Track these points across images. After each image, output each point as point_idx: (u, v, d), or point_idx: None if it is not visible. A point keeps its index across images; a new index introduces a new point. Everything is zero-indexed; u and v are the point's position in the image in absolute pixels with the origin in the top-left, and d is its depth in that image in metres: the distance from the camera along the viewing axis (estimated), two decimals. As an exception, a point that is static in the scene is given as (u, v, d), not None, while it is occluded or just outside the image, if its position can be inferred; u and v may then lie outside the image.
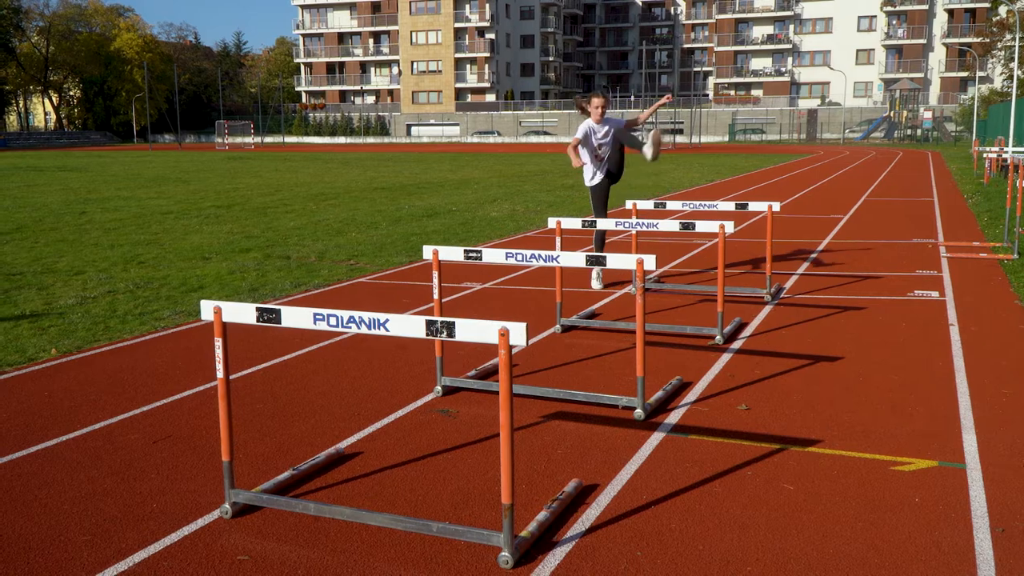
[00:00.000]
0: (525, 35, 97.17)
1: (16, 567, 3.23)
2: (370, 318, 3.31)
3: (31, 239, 12.83)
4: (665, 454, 4.26)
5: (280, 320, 3.47)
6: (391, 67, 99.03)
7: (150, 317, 7.45)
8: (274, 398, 5.23)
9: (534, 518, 3.51)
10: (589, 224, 6.70)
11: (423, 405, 5.08)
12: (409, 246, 11.79)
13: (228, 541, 3.43)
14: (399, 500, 3.79)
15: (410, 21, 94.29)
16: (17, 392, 5.38)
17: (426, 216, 15.82)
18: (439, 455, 4.31)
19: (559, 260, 5.09)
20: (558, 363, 5.96)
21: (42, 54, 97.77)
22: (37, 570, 3.21)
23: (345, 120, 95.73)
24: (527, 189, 22.53)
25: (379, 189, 23.00)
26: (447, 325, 3.22)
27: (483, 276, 9.36)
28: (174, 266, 10.20)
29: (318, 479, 4.02)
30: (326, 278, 9.35)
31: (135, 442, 4.50)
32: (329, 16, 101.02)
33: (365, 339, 6.54)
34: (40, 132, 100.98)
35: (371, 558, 3.28)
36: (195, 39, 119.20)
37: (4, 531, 3.52)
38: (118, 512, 3.69)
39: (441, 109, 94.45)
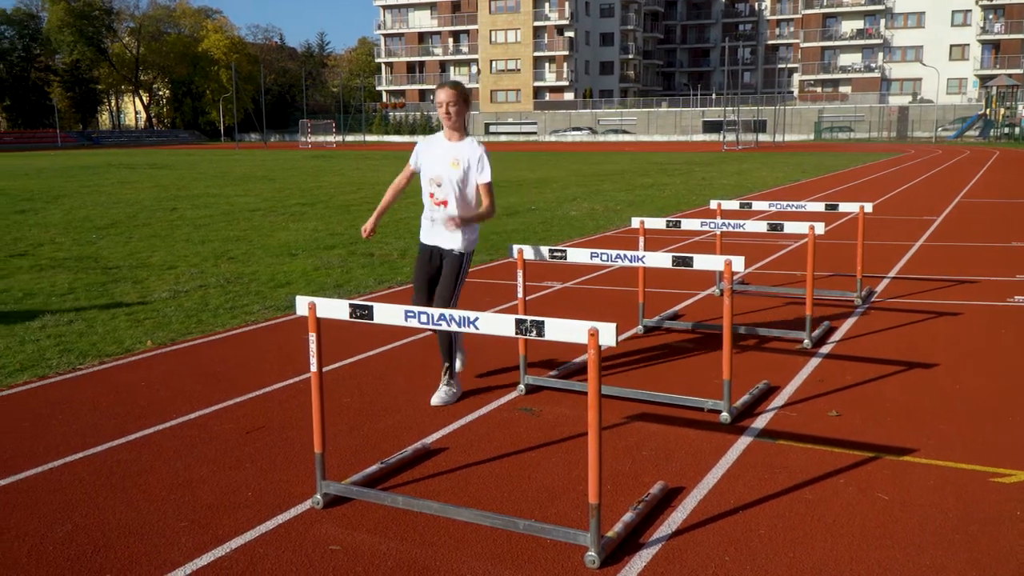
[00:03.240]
0: (605, 33, 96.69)
1: (118, 551, 3.36)
2: (460, 316, 3.35)
3: (126, 234, 13.29)
4: (752, 459, 4.20)
5: (372, 316, 3.53)
6: (470, 66, 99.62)
7: (240, 311, 7.64)
8: (361, 393, 5.32)
9: (620, 519, 3.50)
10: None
11: (506, 403, 5.11)
12: (488, 245, 11.84)
13: (320, 531, 3.51)
14: (484, 496, 3.82)
15: (489, 20, 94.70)
16: (116, 382, 5.59)
17: (505, 215, 15.88)
18: (523, 453, 4.33)
19: (644, 260, 5.07)
20: (641, 364, 5.92)
21: (133, 55, 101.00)
22: (137, 554, 3.33)
23: (424, 119, 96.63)
24: (606, 188, 22.44)
25: (459, 187, 23.14)
26: (536, 324, 3.23)
27: (564, 275, 9.35)
28: (262, 262, 10.45)
29: (405, 473, 4.08)
30: (408, 275, 9.46)
31: (228, 432, 4.63)
32: (410, 16, 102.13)
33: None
34: (131, 130, 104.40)
35: (458, 552, 3.32)
36: (280, 40, 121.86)
37: (106, 516, 3.66)
38: (214, 499, 3.80)
39: (519, 108, 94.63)
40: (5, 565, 3.24)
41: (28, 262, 10.60)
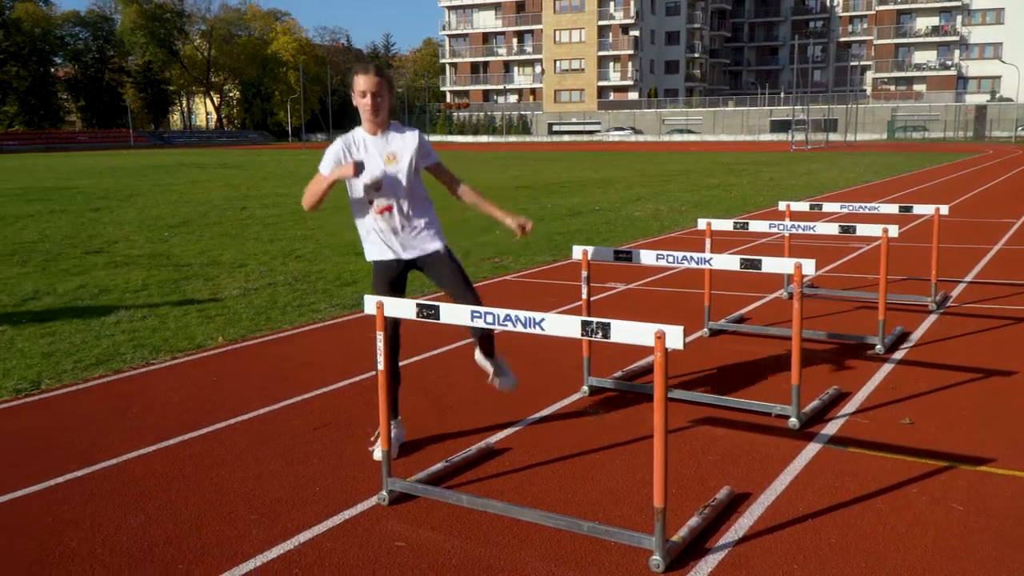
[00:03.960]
0: (670, 31, 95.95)
1: (190, 542, 3.43)
2: (526, 317, 3.35)
3: (197, 233, 13.60)
4: (822, 466, 4.12)
5: (439, 316, 3.55)
6: (534, 66, 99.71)
7: (308, 309, 7.76)
8: (425, 391, 5.36)
9: (685, 523, 3.47)
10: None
11: (570, 404, 5.10)
12: (553, 245, 11.84)
13: (386, 527, 3.54)
14: (548, 497, 3.82)
15: (554, 20, 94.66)
16: (188, 377, 5.72)
17: (569, 215, 15.86)
18: (587, 455, 4.31)
19: (711, 262, 5.01)
20: (706, 368, 5.86)
21: (204, 56, 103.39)
22: (208, 545, 3.40)
23: (488, 119, 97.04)
24: (671, 188, 22.25)
25: (521, 188, 23.21)
26: (602, 326, 3.22)
27: (627, 276, 9.30)
28: (329, 261, 10.59)
29: (469, 472, 4.10)
30: (472, 275, 9.47)
31: (297, 428, 4.71)
32: (474, 16, 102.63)
33: (511, 336, 6.61)
34: (201, 131, 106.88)
35: (522, 552, 3.32)
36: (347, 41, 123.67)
37: (178, 508, 3.75)
38: (283, 494, 3.87)
39: (583, 108, 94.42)
40: (80, 554, 3.34)
41: (103, 259, 10.91)
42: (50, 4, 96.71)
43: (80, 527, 3.55)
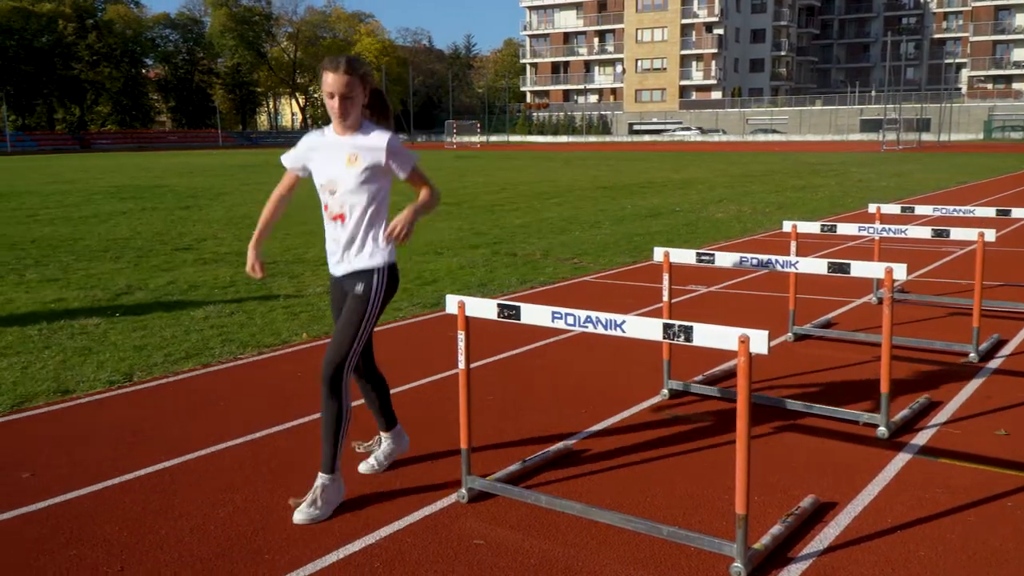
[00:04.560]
0: (756, 29, 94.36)
1: (275, 533, 3.51)
2: (606, 318, 3.33)
3: (283, 231, 13.90)
4: (911, 476, 4.00)
5: (520, 316, 3.56)
6: (615, 66, 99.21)
7: (389, 307, 7.86)
8: (505, 391, 5.38)
9: (768, 531, 3.41)
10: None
11: (650, 407, 5.06)
12: (632, 246, 11.76)
13: (465, 525, 3.57)
14: (626, 500, 3.79)
15: (636, 19, 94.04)
16: (273, 371, 5.85)
17: (649, 216, 15.73)
18: (666, 458, 4.27)
19: (798, 266, 4.91)
20: (790, 373, 5.75)
21: (290, 58, 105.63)
22: (294, 537, 3.47)
23: (568, 119, 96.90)
24: (755, 190, 21.88)
25: (601, 188, 23.12)
26: (684, 329, 3.18)
27: (709, 279, 9.18)
28: (410, 260, 10.72)
29: (548, 472, 4.10)
30: (551, 276, 9.51)
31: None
32: (555, 16, 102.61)
33: (590, 337, 6.59)
34: (287, 131, 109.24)
35: (600, 555, 3.31)
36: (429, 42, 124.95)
37: (265, 499, 3.83)
38: (365, 488, 3.93)
39: (664, 107, 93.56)
40: (169, 541, 3.45)
41: (192, 256, 11.24)
42: (141, 6, 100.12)
43: (169, 516, 3.67)
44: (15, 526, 3.58)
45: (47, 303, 8.13)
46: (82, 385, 5.52)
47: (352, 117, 3.65)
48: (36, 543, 3.43)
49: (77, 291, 8.74)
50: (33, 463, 4.24)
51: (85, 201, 20.09)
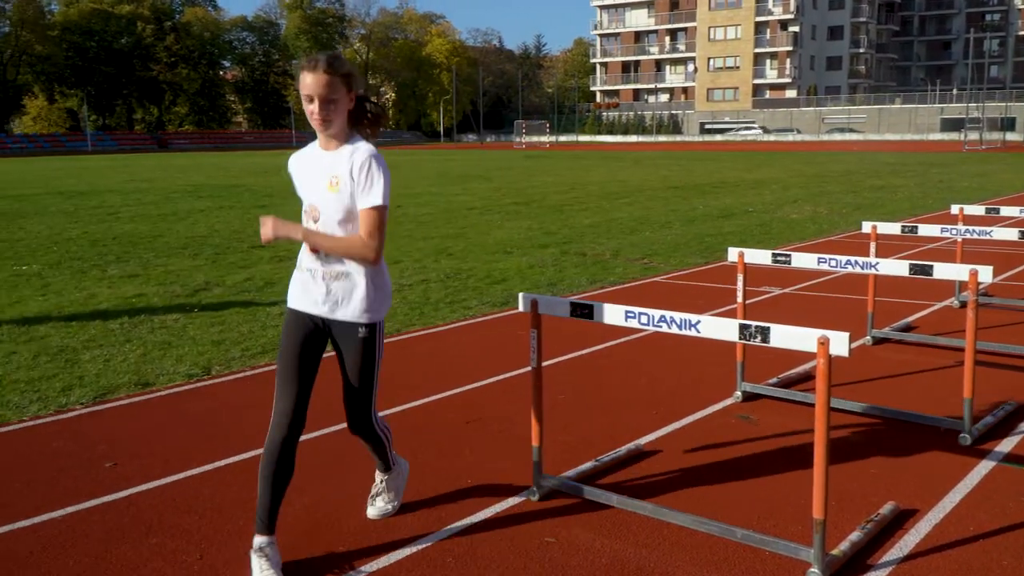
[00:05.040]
0: (833, 26, 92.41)
1: (351, 523, 3.57)
2: (681, 318, 3.30)
3: (355, 228, 14.09)
4: (995, 484, 3.88)
5: (592, 315, 3.55)
6: (686, 64, 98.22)
7: (459, 306, 7.91)
8: (575, 390, 5.37)
9: (846, 537, 3.34)
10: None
11: (722, 409, 4.99)
12: (704, 247, 11.63)
13: (536, 523, 3.57)
14: (698, 502, 3.75)
15: (708, 17, 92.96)
16: (347, 367, 5.93)
17: (721, 217, 15.54)
18: (739, 461, 4.22)
19: (878, 268, 4.80)
20: (869, 377, 5.62)
21: (363, 59, 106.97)
22: (368, 529, 3.52)
23: (637, 119, 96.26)
24: (831, 190, 21.45)
25: (672, 188, 22.91)
26: (761, 330, 3.14)
27: (782, 280, 9.02)
28: (479, 259, 10.77)
29: (619, 472, 4.08)
30: (621, 276, 9.46)
31: (451, 421, 4.81)
32: (627, 15, 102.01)
33: (660, 338, 6.54)
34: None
35: (672, 556, 3.28)
36: (499, 43, 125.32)
37: (340, 490, 3.89)
38: (437, 484, 3.96)
39: (736, 106, 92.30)
40: (247, 532, 3.50)
41: (268, 253, 11.46)
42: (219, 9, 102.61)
43: (247, 506, 3.74)
44: (98, 514, 3.70)
45: (128, 298, 8.37)
46: (162, 378, 5.68)
47: (335, 126, 3.13)
48: (118, 531, 3.54)
49: (157, 287, 8.99)
50: (115, 453, 4.38)
51: (164, 199, 20.65)
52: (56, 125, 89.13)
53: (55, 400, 5.21)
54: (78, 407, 5.10)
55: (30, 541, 3.45)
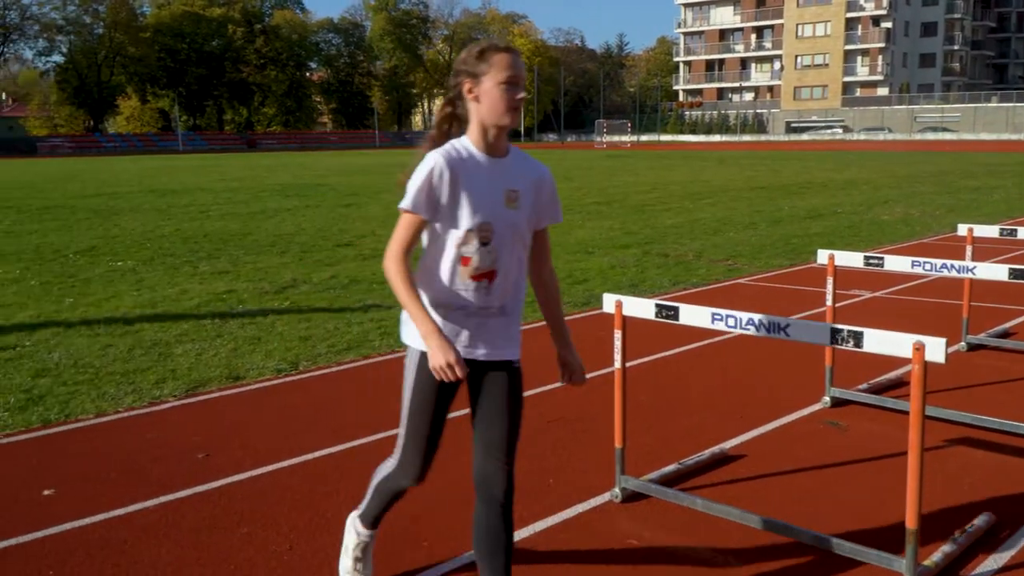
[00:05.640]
0: (927, 23, 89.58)
1: (434, 522, 3.61)
2: (770, 321, 3.25)
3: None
4: (1101, 498, 3.72)
5: (678, 317, 3.52)
6: (772, 62, 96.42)
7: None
8: (657, 391, 5.33)
9: (938, 548, 3.24)
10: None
11: (810, 414, 4.89)
12: (790, 248, 11.41)
13: (618, 524, 3.56)
14: (784, 508, 3.69)
15: (796, 14, 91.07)
16: (430, 365, 6.00)
17: (808, 218, 15.22)
18: (827, 468, 4.13)
19: (975, 272, 4.65)
20: (963, 384, 5.44)
21: (445, 60, 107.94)
22: (451, 526, 3.55)
23: (721, 118, 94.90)
24: (923, 191, 20.82)
25: (757, 188, 22.53)
26: (854, 334, 3.07)
27: (873, 284, 8.79)
28: (560, 259, 10.76)
29: (702, 476, 4.04)
30: (704, 277, 9.35)
31: (532, 420, 4.82)
32: (711, 13, 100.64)
33: (746, 340, 6.44)
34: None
35: (759, 562, 3.23)
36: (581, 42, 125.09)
37: (424, 488, 3.92)
38: (519, 483, 3.94)
39: (825, 105, 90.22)
40: (335, 524, 3.59)
41: (353, 251, 11.66)
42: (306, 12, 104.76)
43: (335, 499, 3.82)
44: (191, 504, 3.82)
45: (219, 294, 8.62)
46: (252, 372, 5.83)
47: (505, 133, 2.68)
48: (210, 520, 3.65)
49: (246, 283, 9.22)
50: (207, 445, 4.51)
51: (253, 198, 21.18)
52: (148, 125, 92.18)
53: (149, 392, 5.39)
54: (171, 399, 5.27)
55: (125, 530, 3.58)
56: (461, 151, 2.61)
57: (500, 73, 2.55)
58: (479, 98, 2.59)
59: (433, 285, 2.66)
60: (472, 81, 2.59)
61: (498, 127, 2.62)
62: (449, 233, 2.59)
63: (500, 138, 2.64)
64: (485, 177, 2.60)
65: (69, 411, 5.03)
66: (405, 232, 2.59)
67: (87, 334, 6.93)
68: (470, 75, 2.59)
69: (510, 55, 2.58)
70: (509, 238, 2.63)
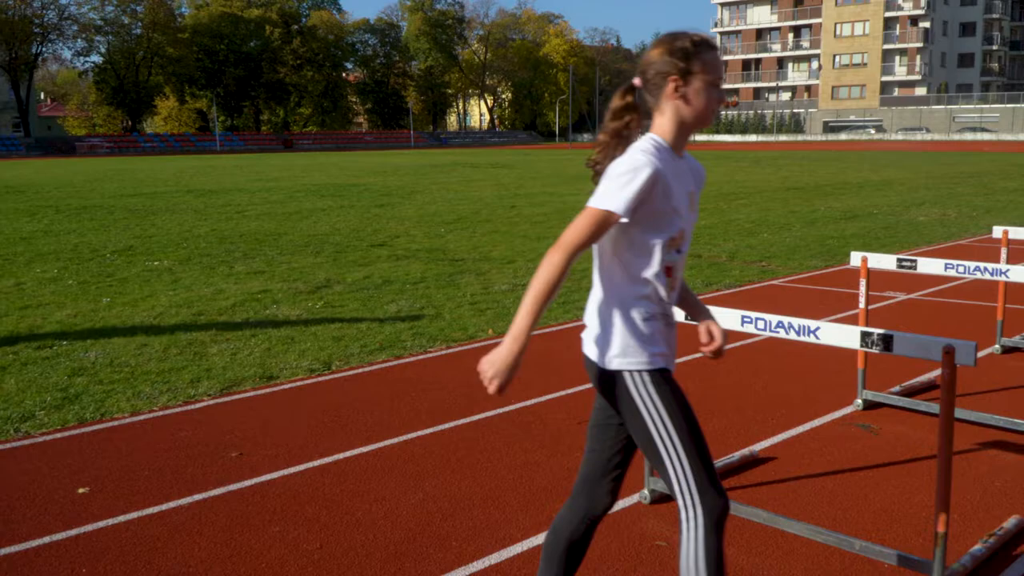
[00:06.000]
0: (965, 22, 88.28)
1: (462, 521, 3.64)
2: (799, 324, 3.25)
3: (470, 229, 14.29)
4: None
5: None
6: (809, 62, 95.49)
7: (572, 306, 7.94)
8: (690, 393, 5.29)
9: (967, 551, 3.22)
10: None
11: (841, 417, 4.87)
12: (825, 249, 11.32)
13: (646, 525, 3.57)
14: (814, 510, 3.68)
15: (835, 13, 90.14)
16: (461, 365, 6.05)
17: (843, 219, 15.08)
18: (858, 471, 4.11)
19: (1008, 274, 4.60)
20: (997, 387, 5.38)
21: (480, 60, 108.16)
22: (479, 526, 3.59)
23: (758, 117, 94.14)
24: (960, 192, 20.53)
25: (792, 189, 22.34)
26: (884, 338, 3.06)
27: (908, 286, 8.71)
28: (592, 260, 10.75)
29: (732, 478, 4.03)
30: (737, 278, 9.31)
31: (560, 421, 4.85)
32: (748, 12, 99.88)
33: (778, 343, 6.41)
34: (475, 131, 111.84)
35: (787, 565, 3.23)
36: (617, 42, 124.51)
37: (453, 488, 3.98)
38: (547, 483, 4.00)
39: (863, 105, 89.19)
40: (365, 523, 3.64)
41: (386, 252, 11.75)
42: (343, 12, 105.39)
43: (365, 499, 3.87)
44: (224, 501, 3.89)
45: (254, 294, 8.73)
46: (285, 372, 5.91)
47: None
48: (243, 518, 3.71)
49: (281, 283, 9.33)
50: (241, 443, 4.58)
51: (288, 198, 21.39)
52: (186, 125, 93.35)
53: (184, 391, 5.49)
54: (206, 398, 5.36)
55: (158, 527, 3.65)
56: (663, 153, 2.42)
57: (711, 74, 2.40)
58: (687, 97, 2.40)
59: (643, 294, 2.46)
60: (681, 80, 2.39)
61: (700, 128, 2.51)
62: (655, 242, 2.40)
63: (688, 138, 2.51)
64: (679, 180, 2.45)
65: (105, 410, 5.13)
66: (594, 232, 2.34)
67: (123, 333, 7.06)
68: (681, 72, 2.39)
69: (718, 54, 2.45)
70: (689, 242, 2.55)
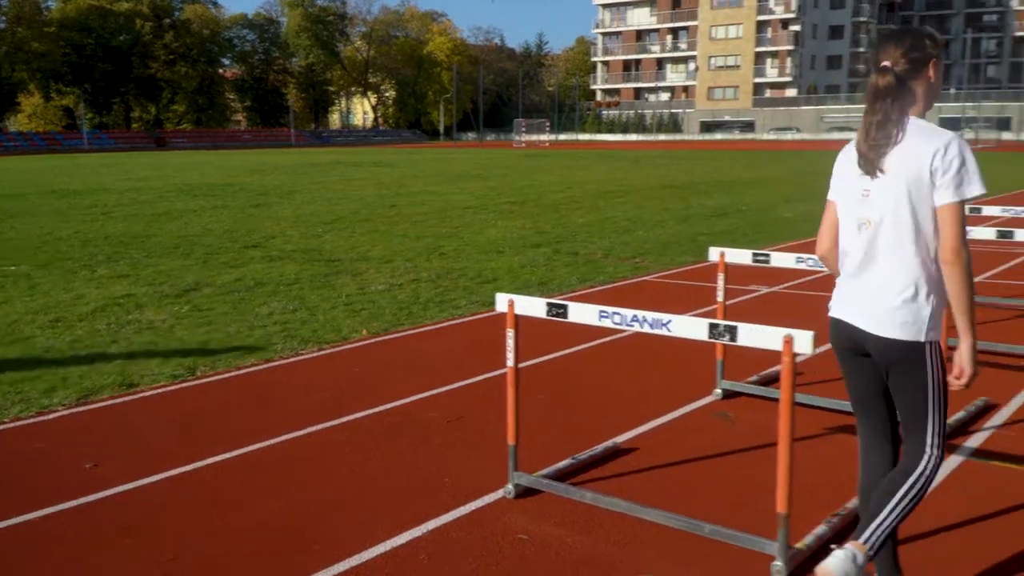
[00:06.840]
0: (834, 26, 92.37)
1: (327, 525, 3.62)
2: (653, 318, 3.35)
3: (348, 229, 14.14)
4: (962, 479, 3.93)
5: (567, 315, 3.60)
6: (687, 63, 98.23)
7: (448, 305, 7.96)
8: (556, 389, 5.42)
9: (811, 531, 3.39)
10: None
11: (701, 407, 5.05)
12: (696, 246, 11.68)
13: (510, 520, 3.62)
14: (672, 498, 3.80)
15: (710, 16, 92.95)
16: (332, 367, 5.99)
17: (715, 216, 15.59)
18: (715, 458, 4.27)
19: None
20: (848, 374, 5.66)
21: (363, 58, 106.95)
22: (343, 530, 3.57)
23: (638, 117, 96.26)
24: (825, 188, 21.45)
25: (668, 187, 22.96)
26: (730, 329, 3.19)
27: (772, 279, 9.07)
28: (471, 258, 10.82)
29: (595, 470, 4.13)
30: (611, 275, 9.51)
31: (431, 420, 4.86)
32: (628, 14, 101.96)
33: (645, 337, 6.59)
34: (358, 130, 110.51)
35: (642, 551, 3.33)
36: (501, 41, 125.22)
37: (317, 493, 3.94)
38: (415, 483, 4.01)
39: (737, 105, 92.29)
40: (223, 532, 3.57)
41: (260, 253, 11.51)
42: (219, 7, 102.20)
43: (223, 507, 3.79)
44: (74, 515, 3.74)
45: (116, 298, 8.41)
46: (146, 379, 5.72)
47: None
48: (93, 532, 3.58)
49: (146, 287, 9.03)
50: (96, 454, 4.42)
51: (158, 198, 20.69)
52: (52, 123, 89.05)
53: (38, 401, 5.25)
54: (61, 408, 5.15)
55: (3, 543, 3.49)
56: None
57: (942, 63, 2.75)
58: (933, 79, 2.74)
59: (936, 269, 2.73)
60: (936, 65, 2.72)
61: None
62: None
63: None
64: None
65: (-48, 422, 4.87)
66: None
67: (-24, 341, 6.70)
68: (937, 58, 2.72)
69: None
70: None
